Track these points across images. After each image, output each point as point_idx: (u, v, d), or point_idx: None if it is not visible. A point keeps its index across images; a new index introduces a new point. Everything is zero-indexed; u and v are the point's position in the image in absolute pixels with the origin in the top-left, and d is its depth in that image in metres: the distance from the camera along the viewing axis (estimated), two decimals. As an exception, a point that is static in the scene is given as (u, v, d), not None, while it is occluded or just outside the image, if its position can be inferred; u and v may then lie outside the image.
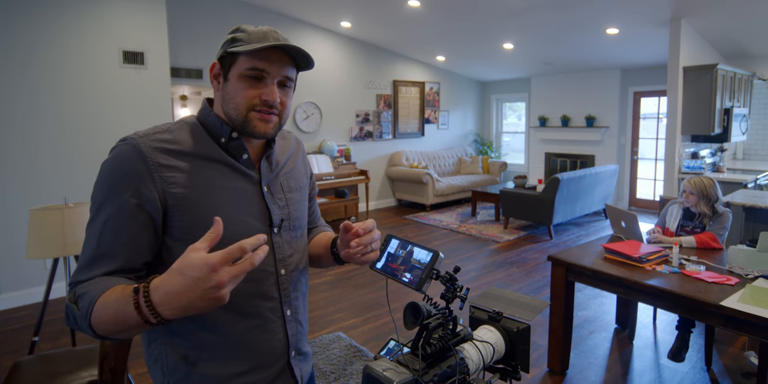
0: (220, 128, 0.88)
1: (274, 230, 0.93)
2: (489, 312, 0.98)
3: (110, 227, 0.79)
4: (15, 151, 3.47)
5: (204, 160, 0.86)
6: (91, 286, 0.74)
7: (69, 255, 2.23)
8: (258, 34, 0.85)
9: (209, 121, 0.89)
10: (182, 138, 0.85)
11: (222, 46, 0.87)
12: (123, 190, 0.79)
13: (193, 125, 0.89)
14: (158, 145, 0.82)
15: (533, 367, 2.59)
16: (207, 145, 0.87)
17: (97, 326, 0.71)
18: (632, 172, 7.02)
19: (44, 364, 1.84)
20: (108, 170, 0.80)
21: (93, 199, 0.81)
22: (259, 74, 0.84)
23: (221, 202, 0.85)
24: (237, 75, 0.84)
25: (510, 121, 9.03)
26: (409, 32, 5.94)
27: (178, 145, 0.84)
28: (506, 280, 4.05)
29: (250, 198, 0.90)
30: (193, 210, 0.82)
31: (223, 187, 0.86)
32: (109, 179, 0.80)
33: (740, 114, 5.23)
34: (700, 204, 2.62)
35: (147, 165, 0.80)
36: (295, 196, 1.00)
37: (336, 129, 6.56)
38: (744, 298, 1.85)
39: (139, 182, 0.79)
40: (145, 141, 0.81)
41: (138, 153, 0.80)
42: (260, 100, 0.85)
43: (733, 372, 2.51)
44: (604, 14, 4.59)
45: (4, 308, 3.46)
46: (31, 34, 3.47)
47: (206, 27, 5.00)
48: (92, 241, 0.79)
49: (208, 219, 0.81)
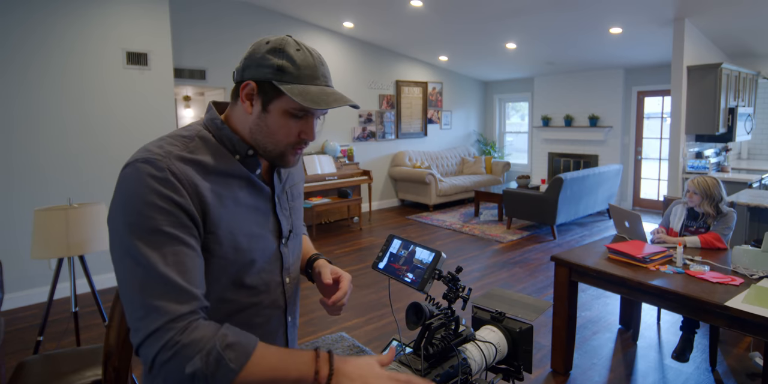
0: (237, 145, 0.85)
1: (282, 241, 0.93)
2: (491, 312, 0.98)
3: (177, 256, 0.71)
4: (19, 152, 3.48)
5: (229, 176, 0.83)
6: (241, 332, 0.71)
7: (73, 255, 2.24)
8: (308, 69, 0.80)
9: (224, 135, 0.85)
10: (205, 156, 0.81)
11: (261, 65, 0.80)
12: (174, 214, 0.73)
13: (207, 140, 0.83)
14: (188, 165, 0.78)
15: (536, 368, 2.59)
16: (228, 161, 0.84)
17: (246, 378, 0.67)
18: (636, 172, 6.99)
19: (49, 364, 1.85)
20: (146, 193, 0.72)
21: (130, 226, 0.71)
22: (304, 115, 0.83)
23: (244, 218, 0.84)
24: (282, 110, 0.81)
25: (513, 121, 9.01)
26: (411, 32, 5.94)
27: (204, 164, 0.80)
28: (509, 280, 4.04)
29: (265, 212, 0.90)
30: (225, 228, 0.80)
31: (245, 202, 0.85)
32: (153, 202, 0.71)
33: (745, 113, 5.20)
34: (703, 204, 2.61)
35: (183, 186, 0.75)
36: (297, 204, 1.01)
37: (339, 129, 6.56)
38: (749, 299, 1.84)
39: (186, 203, 0.74)
40: (174, 161, 0.76)
41: (172, 174, 0.74)
42: (299, 138, 0.85)
43: (737, 373, 2.50)
44: (608, 14, 4.57)
45: (9, 308, 3.48)
46: (35, 35, 3.49)
47: (209, 28, 5.02)
48: (157, 265, 0.69)
49: (237, 238, 0.82)
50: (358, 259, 4.61)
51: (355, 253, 4.84)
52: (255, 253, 0.86)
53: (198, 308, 0.71)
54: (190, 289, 0.71)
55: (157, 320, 0.67)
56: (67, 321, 3.14)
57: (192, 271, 0.72)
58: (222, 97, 5.50)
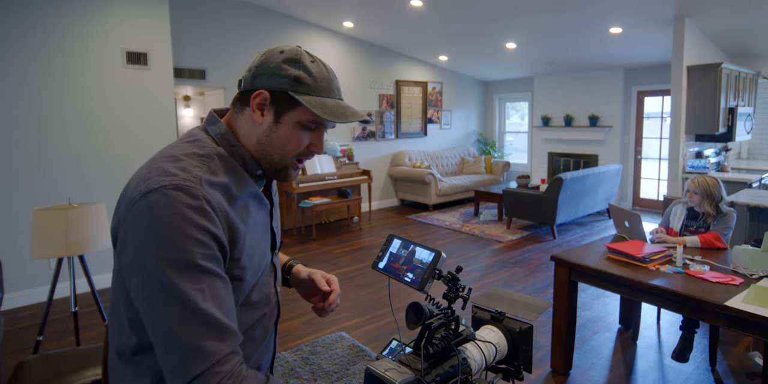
0: (249, 164, 0.83)
1: (275, 252, 0.95)
2: (491, 312, 0.98)
3: (214, 291, 0.68)
4: (19, 151, 3.48)
5: (247, 197, 0.81)
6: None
7: (73, 255, 2.24)
8: (324, 82, 0.80)
9: (236, 152, 0.82)
10: (227, 177, 0.77)
11: (276, 75, 0.78)
12: (209, 246, 0.69)
13: (226, 160, 0.79)
14: (216, 190, 0.74)
15: (536, 368, 2.59)
16: (246, 181, 0.81)
17: None
18: (636, 172, 6.99)
19: (49, 364, 1.85)
20: (183, 225, 0.67)
21: (164, 260, 0.66)
22: (317, 127, 0.83)
23: (257, 238, 0.83)
24: (295, 122, 0.80)
25: (513, 120, 9.01)
26: (411, 32, 5.94)
27: (228, 188, 0.77)
28: (509, 280, 4.04)
29: (267, 227, 0.89)
30: (246, 252, 0.79)
31: (258, 222, 0.85)
32: (191, 235, 0.67)
33: (745, 113, 5.20)
34: (703, 204, 2.61)
35: (217, 215, 0.72)
36: (276, 213, 0.99)
37: (338, 129, 6.55)
38: (748, 299, 1.84)
39: (219, 233, 0.71)
40: (206, 187, 0.72)
41: (207, 203, 0.71)
42: (307, 150, 0.84)
43: (737, 372, 2.50)
44: (608, 13, 4.57)
45: (9, 308, 3.48)
46: (34, 35, 3.48)
47: (209, 27, 5.02)
48: (198, 302, 0.66)
49: (252, 260, 0.81)
50: (357, 259, 4.61)
51: (354, 253, 4.84)
52: (260, 270, 0.86)
53: (237, 345, 0.70)
54: (230, 326, 0.69)
55: (202, 363, 0.65)
56: (66, 321, 3.14)
57: (228, 306, 0.70)
58: (222, 97, 5.50)
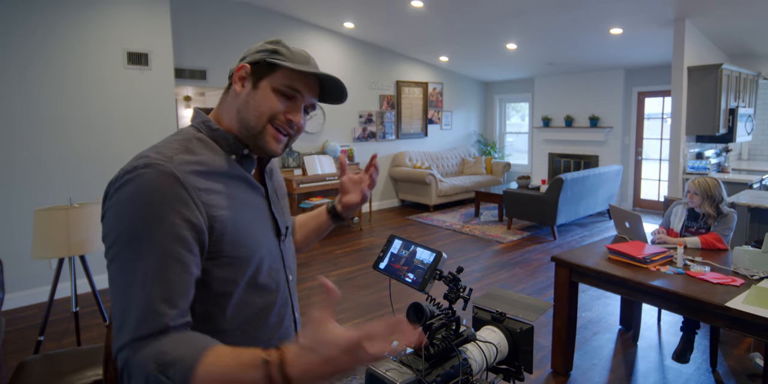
0: (233, 145, 0.86)
1: (281, 239, 0.95)
2: (492, 312, 0.98)
3: (165, 263, 0.70)
4: (20, 152, 3.49)
5: (230, 178, 0.84)
6: (180, 348, 0.66)
7: (74, 255, 2.24)
8: (301, 57, 0.87)
9: (218, 135, 0.86)
10: (206, 158, 0.81)
11: (257, 52, 0.86)
12: (172, 221, 0.72)
13: (205, 142, 0.84)
14: (190, 168, 0.77)
15: (537, 368, 2.59)
16: (228, 162, 0.85)
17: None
18: (636, 173, 6.99)
19: (49, 364, 1.85)
20: (145, 199, 0.71)
21: (126, 235, 0.71)
22: (293, 94, 0.86)
23: (249, 219, 0.85)
24: (271, 87, 0.84)
25: (513, 121, 9.01)
26: (412, 33, 5.95)
27: (206, 166, 0.80)
28: (509, 280, 4.04)
29: (263, 210, 0.91)
30: (233, 230, 0.80)
31: (247, 203, 0.86)
32: (151, 209, 0.71)
33: (745, 114, 5.20)
34: (704, 204, 2.61)
35: (188, 191, 0.74)
36: (284, 202, 1.03)
37: (339, 129, 6.56)
38: (749, 300, 1.84)
39: (188, 210, 0.73)
40: (177, 165, 0.75)
41: (175, 179, 0.74)
42: (285, 118, 0.86)
43: (738, 373, 2.50)
44: (608, 14, 4.58)
45: (10, 308, 3.48)
46: (34, 35, 3.49)
47: (210, 28, 5.02)
48: (146, 283, 0.69)
49: (245, 237, 0.82)
50: (358, 260, 4.61)
51: (355, 254, 4.84)
52: (262, 251, 0.86)
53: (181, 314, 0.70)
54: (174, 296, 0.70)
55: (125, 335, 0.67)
56: (67, 321, 3.14)
57: (176, 287, 0.71)
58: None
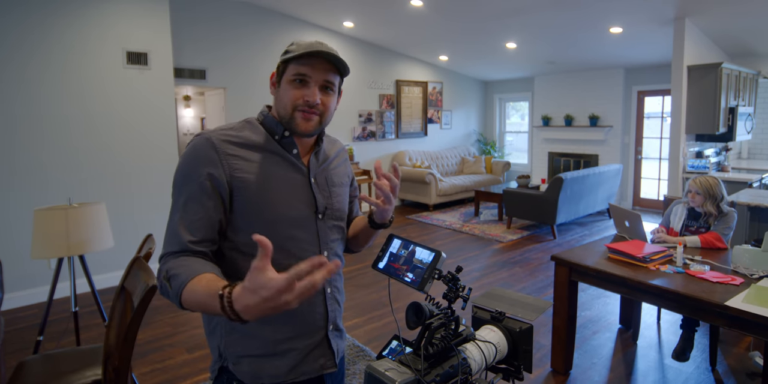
0: (276, 127, 1.04)
1: (319, 216, 1.06)
2: (491, 312, 0.98)
3: (190, 204, 0.95)
4: (20, 152, 3.48)
5: (262, 151, 1.02)
6: (182, 268, 0.87)
7: (73, 255, 2.24)
8: (304, 45, 0.99)
9: (266, 121, 1.06)
10: (245, 133, 1.02)
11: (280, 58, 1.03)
12: (199, 174, 0.95)
13: (253, 124, 1.05)
14: (226, 138, 0.99)
15: (536, 368, 2.59)
16: (265, 139, 1.03)
17: (185, 303, 0.85)
18: (636, 172, 6.99)
19: (49, 364, 1.85)
20: (186, 158, 0.97)
21: (174, 182, 0.98)
22: (303, 79, 0.99)
23: (275, 187, 1.01)
24: (286, 80, 1.00)
25: (513, 120, 9.01)
26: (411, 32, 5.94)
27: (241, 139, 1.01)
28: (509, 280, 4.04)
29: (299, 186, 1.05)
30: (255, 192, 0.98)
31: (277, 174, 1.02)
32: (187, 165, 0.96)
33: (745, 113, 5.20)
34: (705, 204, 2.60)
35: (218, 153, 0.96)
36: (338, 190, 1.14)
37: (339, 129, 6.56)
38: (749, 298, 1.84)
39: (212, 167, 0.95)
40: (215, 135, 0.98)
41: (210, 144, 0.97)
42: (303, 101, 0.99)
43: (737, 372, 2.50)
44: (608, 13, 4.57)
45: (10, 308, 3.48)
46: (33, 35, 3.48)
47: (209, 27, 5.01)
48: (176, 215, 0.95)
49: (267, 200, 0.99)
50: (357, 259, 4.60)
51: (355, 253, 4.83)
52: (290, 214, 1.01)
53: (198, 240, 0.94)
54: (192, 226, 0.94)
55: (162, 250, 0.95)
56: (67, 321, 3.14)
57: (196, 222, 0.94)
58: (222, 97, 5.50)
